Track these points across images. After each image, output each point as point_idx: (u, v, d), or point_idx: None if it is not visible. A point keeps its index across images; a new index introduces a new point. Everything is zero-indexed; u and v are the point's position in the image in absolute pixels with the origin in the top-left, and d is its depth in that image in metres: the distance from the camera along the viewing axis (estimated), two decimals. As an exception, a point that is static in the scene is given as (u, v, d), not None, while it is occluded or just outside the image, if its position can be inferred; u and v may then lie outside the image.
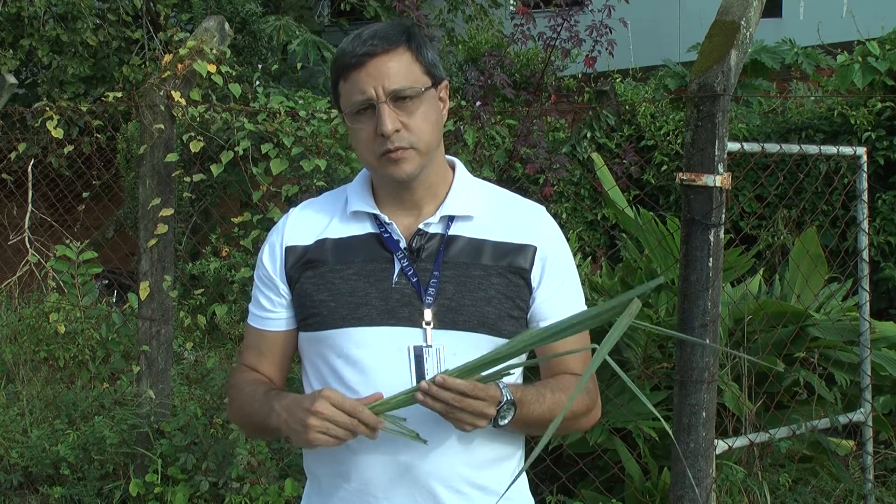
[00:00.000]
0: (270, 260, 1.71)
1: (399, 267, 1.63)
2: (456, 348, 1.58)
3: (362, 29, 1.60)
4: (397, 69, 1.57)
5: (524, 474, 1.73)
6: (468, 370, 1.49)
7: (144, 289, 3.73)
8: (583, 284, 1.82)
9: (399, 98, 1.57)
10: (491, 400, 1.49)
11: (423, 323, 1.59)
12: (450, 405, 1.46)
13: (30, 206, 5.33)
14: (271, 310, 1.71)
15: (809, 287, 3.77)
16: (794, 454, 3.57)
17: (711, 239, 2.71)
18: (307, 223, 1.71)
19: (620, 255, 4.83)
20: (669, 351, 3.48)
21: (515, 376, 1.68)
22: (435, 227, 1.65)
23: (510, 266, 1.64)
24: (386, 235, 1.65)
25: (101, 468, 3.81)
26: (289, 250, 1.69)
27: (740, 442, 3.13)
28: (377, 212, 1.66)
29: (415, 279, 1.61)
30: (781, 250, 4.77)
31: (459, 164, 1.74)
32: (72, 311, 4.86)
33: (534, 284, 1.66)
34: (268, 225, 3.78)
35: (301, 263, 1.67)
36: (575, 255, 4.21)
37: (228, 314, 4.52)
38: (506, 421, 1.53)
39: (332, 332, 1.62)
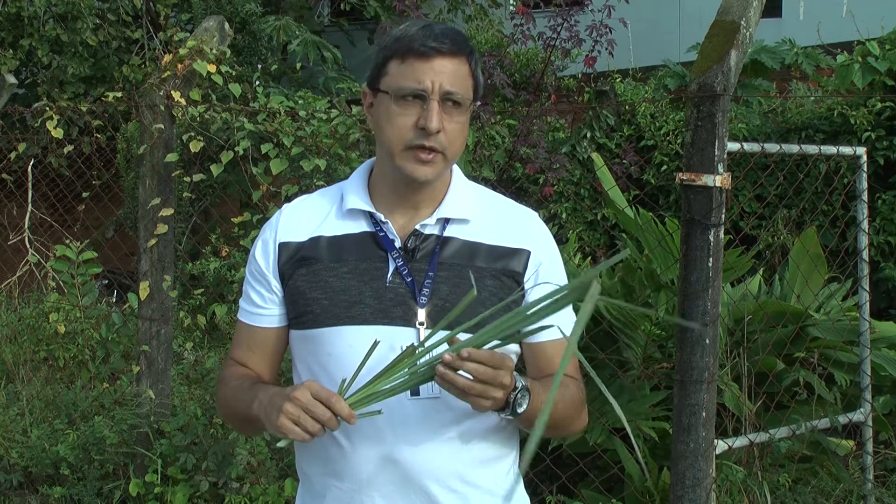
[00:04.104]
0: (263, 256, 1.70)
1: (393, 266, 1.62)
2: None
3: (431, 22, 1.62)
4: (456, 74, 1.58)
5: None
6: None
7: (144, 289, 3.73)
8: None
9: (449, 101, 1.58)
10: (507, 370, 1.44)
11: (417, 323, 1.58)
12: (476, 378, 1.41)
13: (30, 206, 5.32)
14: (262, 306, 1.70)
15: (809, 287, 3.77)
16: (794, 454, 3.57)
17: (711, 239, 2.71)
18: (301, 219, 1.70)
19: (620, 255, 4.81)
20: (669, 351, 3.48)
21: None
22: (431, 229, 1.65)
23: (504, 269, 1.64)
24: (381, 234, 1.65)
25: (101, 468, 3.81)
26: (282, 246, 1.68)
27: (740, 442, 3.13)
28: (373, 210, 1.66)
29: (409, 279, 1.61)
30: (781, 250, 4.77)
31: (455, 167, 1.74)
32: (72, 311, 4.86)
33: (526, 288, 1.66)
34: (267, 225, 3.78)
35: (294, 260, 1.66)
36: (575, 254, 4.23)
37: (228, 314, 4.52)
38: (523, 408, 1.51)
39: (325, 330, 1.61)
